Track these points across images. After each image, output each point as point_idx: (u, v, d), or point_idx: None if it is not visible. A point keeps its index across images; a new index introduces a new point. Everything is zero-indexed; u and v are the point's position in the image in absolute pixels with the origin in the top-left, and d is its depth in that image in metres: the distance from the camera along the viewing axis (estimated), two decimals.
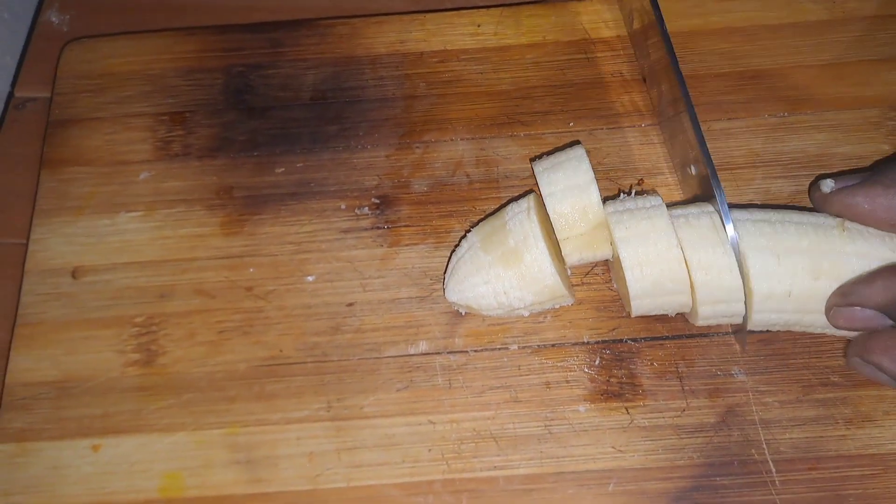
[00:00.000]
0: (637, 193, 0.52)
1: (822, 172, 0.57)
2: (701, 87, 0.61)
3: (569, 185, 0.51)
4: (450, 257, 0.55)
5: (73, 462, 0.52)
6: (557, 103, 0.61)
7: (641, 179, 0.58)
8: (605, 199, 0.52)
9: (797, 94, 0.60)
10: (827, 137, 0.58)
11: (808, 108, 0.60)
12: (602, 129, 0.60)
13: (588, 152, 0.53)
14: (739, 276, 0.48)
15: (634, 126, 0.60)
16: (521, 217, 0.52)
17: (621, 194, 0.53)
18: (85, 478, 0.51)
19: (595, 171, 0.58)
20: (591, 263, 0.55)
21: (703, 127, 0.59)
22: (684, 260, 0.49)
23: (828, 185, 0.50)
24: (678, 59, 0.55)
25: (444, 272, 0.55)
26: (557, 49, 0.63)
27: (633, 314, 0.51)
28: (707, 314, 0.50)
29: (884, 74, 0.60)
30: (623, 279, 0.50)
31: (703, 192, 0.53)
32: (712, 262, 0.48)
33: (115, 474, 0.51)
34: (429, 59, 0.64)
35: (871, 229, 0.49)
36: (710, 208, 0.50)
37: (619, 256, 0.49)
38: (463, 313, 0.54)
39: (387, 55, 0.64)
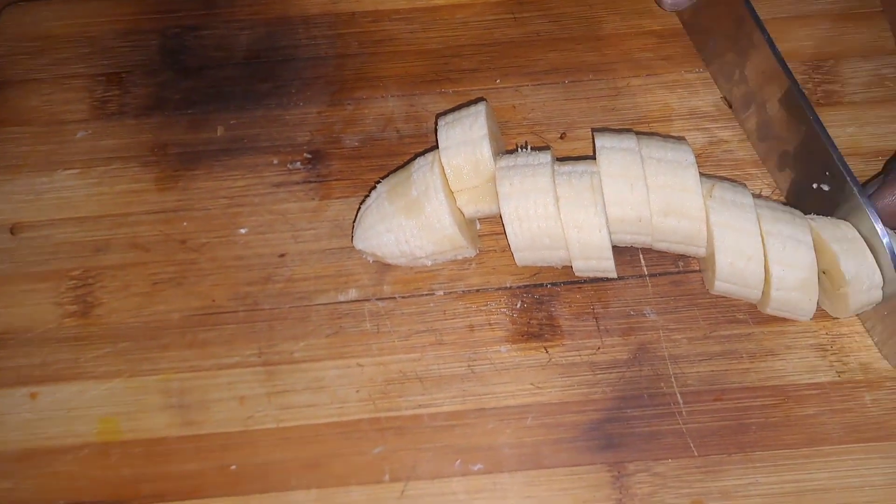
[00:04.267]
0: (533, 149, 0.54)
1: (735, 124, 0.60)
2: (622, 46, 0.63)
3: (464, 139, 0.53)
4: (359, 207, 0.57)
5: (11, 409, 0.53)
6: (485, 61, 0.63)
7: (563, 133, 0.60)
8: (504, 154, 0.54)
9: None
10: None
11: None
12: (527, 85, 0.62)
13: (492, 109, 0.54)
14: (608, 236, 0.50)
15: (558, 83, 0.62)
16: (424, 170, 0.53)
17: (518, 149, 0.54)
18: (24, 424, 0.53)
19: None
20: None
21: (623, 83, 0.62)
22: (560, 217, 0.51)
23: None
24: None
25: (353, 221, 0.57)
26: (486, 9, 0.65)
27: (518, 265, 0.53)
28: (581, 268, 0.53)
29: (795, 31, 0.63)
30: None
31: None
32: (584, 220, 0.50)
33: (53, 420, 0.53)
34: (361, 19, 0.65)
35: (737, 200, 0.51)
36: (594, 168, 0.52)
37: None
38: (371, 261, 0.56)
39: (319, 15, 0.66)
